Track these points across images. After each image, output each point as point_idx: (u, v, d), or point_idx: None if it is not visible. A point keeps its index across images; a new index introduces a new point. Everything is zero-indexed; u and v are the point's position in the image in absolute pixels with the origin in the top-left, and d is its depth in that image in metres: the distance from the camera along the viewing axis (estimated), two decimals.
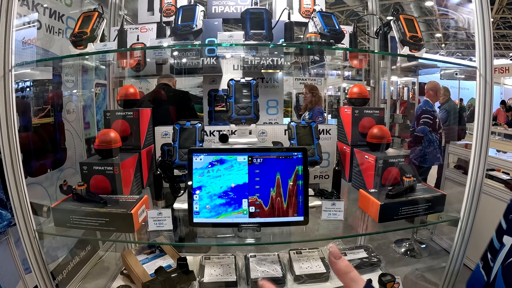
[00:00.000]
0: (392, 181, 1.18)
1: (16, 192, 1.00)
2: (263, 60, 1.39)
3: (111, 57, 1.25)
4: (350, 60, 1.41)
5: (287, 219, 0.99)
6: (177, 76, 1.95)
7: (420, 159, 3.48)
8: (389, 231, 1.12)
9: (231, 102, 1.19)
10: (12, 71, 0.97)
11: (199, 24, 1.09)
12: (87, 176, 1.13)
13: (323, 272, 1.23)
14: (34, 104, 1.90)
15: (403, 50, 1.13)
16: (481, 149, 1.09)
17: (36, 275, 1.07)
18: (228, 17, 1.41)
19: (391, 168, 1.19)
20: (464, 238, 1.13)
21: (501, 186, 2.49)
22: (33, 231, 1.03)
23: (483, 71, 1.09)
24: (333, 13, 1.21)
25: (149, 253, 1.32)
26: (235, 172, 0.98)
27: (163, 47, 1.11)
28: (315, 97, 3.77)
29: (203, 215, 0.98)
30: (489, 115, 1.09)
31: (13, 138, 0.99)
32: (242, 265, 1.29)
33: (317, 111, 3.73)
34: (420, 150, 3.48)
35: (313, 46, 1.11)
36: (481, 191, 1.10)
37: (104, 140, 1.16)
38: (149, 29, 1.37)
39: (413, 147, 3.52)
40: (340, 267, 0.53)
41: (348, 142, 1.40)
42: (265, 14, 1.13)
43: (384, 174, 1.19)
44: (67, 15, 2.12)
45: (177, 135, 1.19)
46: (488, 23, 1.08)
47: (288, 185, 0.98)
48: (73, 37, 1.07)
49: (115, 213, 0.99)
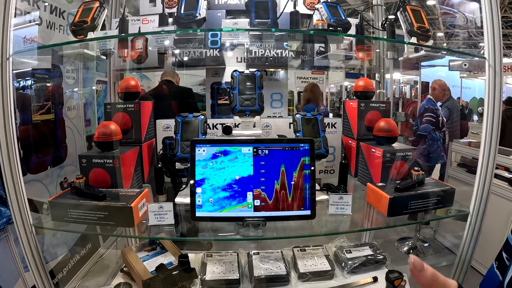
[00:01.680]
0: (400, 175, 1.15)
1: (13, 185, 0.98)
2: (268, 52, 1.37)
3: (111, 45, 1.23)
4: (355, 53, 1.38)
5: (293, 213, 0.96)
6: (178, 70, 1.93)
7: (424, 158, 3.46)
8: (398, 225, 1.09)
9: (235, 93, 1.16)
10: (10, 59, 0.94)
11: (202, 13, 1.06)
12: (86, 169, 1.10)
13: (328, 270, 1.20)
14: (35, 100, 1.89)
15: (410, 40, 1.11)
16: (491, 138, 1.06)
17: (33, 272, 1.04)
18: (232, 8, 1.39)
19: (398, 161, 1.16)
20: (474, 234, 1.11)
21: (505, 184, 2.48)
22: (30, 225, 1.00)
23: (492, 62, 1.06)
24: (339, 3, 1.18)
25: (149, 250, 1.30)
26: (239, 164, 0.95)
27: (164, 32, 1.08)
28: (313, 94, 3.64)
29: (206, 209, 0.95)
30: (499, 106, 1.07)
31: (10, 130, 0.96)
32: (245, 263, 1.26)
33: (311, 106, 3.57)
34: (424, 149, 3.46)
35: (319, 32, 1.08)
36: (491, 182, 1.07)
37: (104, 133, 1.13)
38: (151, 21, 1.34)
39: (417, 146, 3.49)
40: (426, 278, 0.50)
41: (354, 136, 1.37)
42: (270, 3, 1.11)
43: (392, 168, 1.16)
44: (68, 12, 2.11)
45: (179, 127, 1.16)
46: (496, 12, 1.06)
47: (293, 177, 0.95)
48: (73, 26, 1.04)
49: (115, 207, 0.96)
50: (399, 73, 5.41)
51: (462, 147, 3.04)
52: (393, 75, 4.39)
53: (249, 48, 1.37)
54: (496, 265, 0.77)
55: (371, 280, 1.20)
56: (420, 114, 3.57)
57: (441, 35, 9.67)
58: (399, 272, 1.12)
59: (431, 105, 3.54)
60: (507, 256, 0.74)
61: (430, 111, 3.48)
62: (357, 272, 1.22)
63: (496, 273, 0.76)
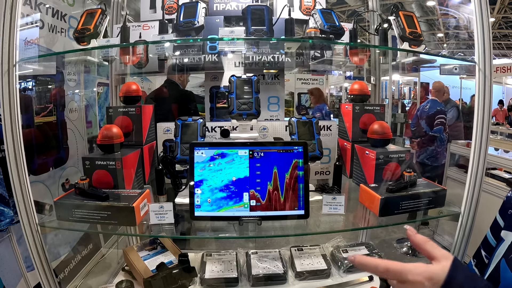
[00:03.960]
0: (393, 176, 1.18)
1: (19, 185, 1.01)
2: (264, 57, 1.40)
3: (113, 52, 1.26)
4: (350, 57, 1.41)
5: (288, 212, 0.99)
6: (179, 74, 1.96)
7: (433, 159, 3.53)
8: (389, 225, 1.12)
9: (233, 97, 1.20)
10: (17, 66, 0.98)
11: (200, 21, 1.10)
12: (89, 171, 1.14)
13: (324, 269, 1.23)
14: (37, 102, 1.92)
15: (402, 46, 1.14)
16: (481, 140, 1.08)
17: (39, 271, 1.07)
18: (230, 14, 1.42)
19: (391, 163, 1.20)
20: (465, 234, 1.13)
21: (503, 184, 2.50)
22: (36, 225, 1.03)
23: (482, 66, 1.09)
24: (333, 9, 1.22)
25: (150, 249, 1.33)
26: (236, 166, 0.99)
27: (165, 41, 1.12)
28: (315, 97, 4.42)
29: (204, 209, 0.99)
30: (489, 108, 1.09)
31: (16, 134, 1.00)
32: (244, 262, 1.29)
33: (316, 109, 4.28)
34: (433, 150, 3.51)
35: (313, 40, 1.12)
36: (482, 183, 1.09)
37: (107, 135, 1.17)
38: (151, 27, 1.38)
39: (426, 147, 3.55)
40: (419, 238, 0.60)
41: (349, 138, 1.40)
42: (266, 11, 1.14)
43: (385, 169, 1.19)
44: (69, 15, 2.13)
45: (179, 131, 1.20)
46: (487, 19, 1.08)
47: (288, 178, 0.98)
48: (76, 33, 1.08)
49: (117, 207, 0.99)
50: (398, 74, 5.44)
51: (461, 148, 3.06)
52: (392, 77, 4.43)
53: (246, 54, 1.41)
54: (475, 263, 0.80)
55: (367, 279, 1.23)
56: (430, 115, 3.58)
57: (441, 35, 9.68)
58: None
59: (441, 107, 3.61)
60: (486, 254, 0.77)
61: (441, 113, 3.54)
62: (353, 271, 1.25)
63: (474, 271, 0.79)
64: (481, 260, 0.78)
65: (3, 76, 0.97)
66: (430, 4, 8.09)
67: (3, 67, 0.97)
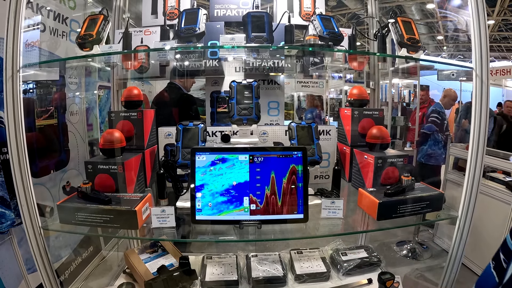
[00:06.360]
0: (391, 180, 1.19)
1: (23, 189, 1.02)
2: (264, 62, 1.42)
3: (116, 58, 1.28)
4: (349, 62, 1.43)
5: (287, 216, 1.01)
6: (179, 78, 1.98)
7: (426, 157, 3.58)
8: (386, 228, 1.13)
9: (233, 103, 1.21)
10: (20, 71, 0.99)
11: (201, 27, 1.12)
12: (92, 174, 1.15)
13: (324, 272, 1.24)
14: (38, 105, 1.93)
15: (400, 51, 1.15)
16: (478, 144, 1.10)
17: (41, 272, 1.09)
18: (230, 20, 1.44)
19: (390, 167, 1.21)
20: (462, 236, 1.14)
21: (502, 187, 2.50)
22: (39, 227, 1.05)
23: (479, 72, 1.10)
24: (333, 16, 1.23)
25: (151, 252, 1.34)
26: (236, 171, 1.00)
27: (166, 49, 1.13)
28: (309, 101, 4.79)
29: (205, 213, 1.00)
30: (486, 113, 1.11)
31: (20, 138, 1.02)
32: (244, 265, 1.30)
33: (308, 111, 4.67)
34: (426, 149, 3.55)
35: (313, 48, 1.13)
36: (479, 186, 1.10)
37: (109, 140, 1.18)
38: (153, 32, 1.40)
39: (420, 146, 3.61)
40: None
41: (348, 143, 1.41)
42: (266, 17, 1.16)
43: (383, 174, 1.20)
44: (70, 18, 2.15)
45: (180, 135, 1.21)
46: (484, 24, 1.10)
47: (286, 183, 1.00)
48: (79, 39, 1.09)
49: (120, 210, 1.01)
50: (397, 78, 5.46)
51: (460, 150, 3.06)
52: (392, 80, 4.45)
53: (247, 60, 1.43)
54: (493, 266, 0.79)
55: (366, 282, 1.24)
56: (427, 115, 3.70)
57: (441, 38, 9.71)
58: (391, 273, 1.16)
59: (438, 108, 3.66)
60: (504, 258, 0.77)
61: (435, 113, 3.60)
62: (352, 274, 1.26)
63: (492, 274, 0.78)
64: (499, 264, 0.77)
65: (7, 81, 0.99)
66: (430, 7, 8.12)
67: (7, 73, 0.98)
